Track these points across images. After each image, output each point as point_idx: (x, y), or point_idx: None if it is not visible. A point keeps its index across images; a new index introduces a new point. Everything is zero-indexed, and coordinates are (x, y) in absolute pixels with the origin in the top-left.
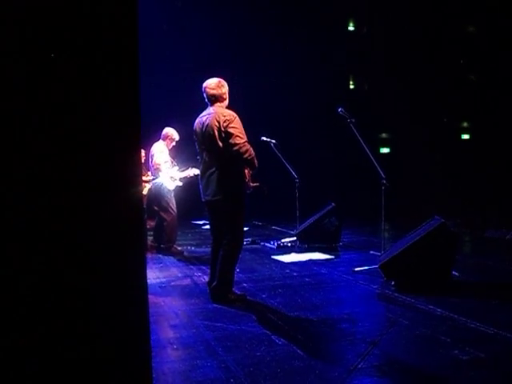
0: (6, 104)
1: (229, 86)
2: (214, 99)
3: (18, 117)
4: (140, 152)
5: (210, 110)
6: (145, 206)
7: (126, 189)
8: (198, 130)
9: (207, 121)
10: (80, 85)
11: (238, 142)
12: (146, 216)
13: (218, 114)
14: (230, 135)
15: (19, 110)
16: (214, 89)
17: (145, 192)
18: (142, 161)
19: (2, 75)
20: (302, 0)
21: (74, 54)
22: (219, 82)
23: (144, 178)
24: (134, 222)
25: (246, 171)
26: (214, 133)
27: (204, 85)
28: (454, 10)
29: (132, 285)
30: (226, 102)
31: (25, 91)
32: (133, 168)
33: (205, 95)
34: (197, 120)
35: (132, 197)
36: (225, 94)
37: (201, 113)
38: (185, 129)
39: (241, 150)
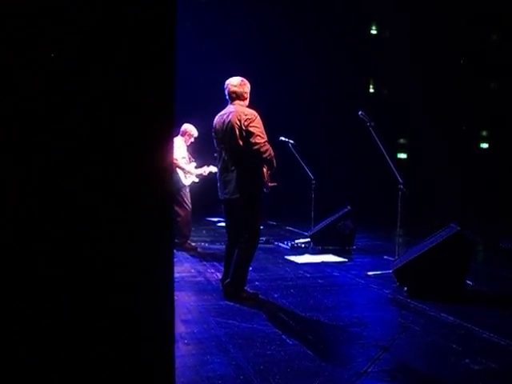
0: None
1: (250, 85)
2: (235, 96)
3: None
4: (172, 143)
5: (230, 107)
6: None
7: (158, 180)
8: (218, 127)
9: (228, 119)
10: (119, 77)
11: (258, 141)
12: None
13: (240, 113)
14: (250, 134)
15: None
16: (235, 86)
17: None
18: None
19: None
20: (325, 2)
21: (115, 46)
22: (242, 80)
23: None
24: (164, 211)
25: (265, 170)
26: (234, 131)
27: (227, 82)
28: (478, 17)
29: (160, 275)
30: (247, 102)
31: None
32: (165, 161)
33: (226, 92)
34: (216, 118)
35: (163, 186)
36: (246, 93)
37: (220, 110)
38: (203, 126)
39: (261, 150)
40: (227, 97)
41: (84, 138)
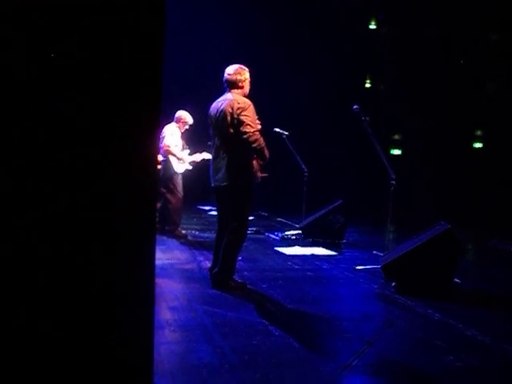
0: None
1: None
2: (230, 85)
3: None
4: (158, 131)
5: (226, 95)
6: None
7: (144, 168)
8: (212, 114)
9: (222, 106)
10: (104, 65)
11: (247, 130)
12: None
13: (233, 101)
14: (241, 123)
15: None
16: (230, 74)
17: None
18: None
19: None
20: None
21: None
22: (239, 68)
23: None
24: (147, 200)
25: (255, 161)
26: (226, 119)
27: (225, 70)
28: (478, 17)
29: (141, 263)
30: (245, 91)
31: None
32: (151, 148)
33: (224, 80)
34: (213, 105)
35: (148, 175)
36: (241, 81)
37: (216, 98)
38: (199, 113)
39: (250, 139)
40: (225, 84)
41: (65, 129)
